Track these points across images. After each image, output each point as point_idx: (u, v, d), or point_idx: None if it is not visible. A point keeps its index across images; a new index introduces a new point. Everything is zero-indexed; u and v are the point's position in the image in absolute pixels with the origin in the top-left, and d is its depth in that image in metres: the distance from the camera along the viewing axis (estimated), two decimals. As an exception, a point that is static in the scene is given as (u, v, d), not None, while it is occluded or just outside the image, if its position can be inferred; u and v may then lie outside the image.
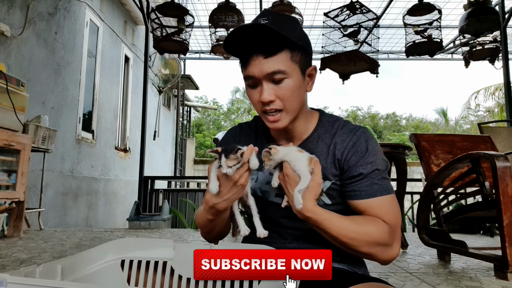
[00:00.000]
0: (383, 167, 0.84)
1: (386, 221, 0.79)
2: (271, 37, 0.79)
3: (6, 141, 2.73)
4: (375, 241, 0.76)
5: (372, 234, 0.76)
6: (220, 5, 4.90)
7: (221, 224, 0.88)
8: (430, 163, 2.40)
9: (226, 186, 0.78)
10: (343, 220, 0.77)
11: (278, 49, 0.80)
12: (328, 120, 0.92)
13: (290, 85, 0.82)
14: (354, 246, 0.76)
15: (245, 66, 0.83)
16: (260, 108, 0.84)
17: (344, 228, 0.76)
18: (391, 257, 0.79)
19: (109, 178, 6.13)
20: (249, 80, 0.83)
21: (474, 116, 17.17)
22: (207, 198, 0.82)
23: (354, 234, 0.75)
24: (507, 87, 4.97)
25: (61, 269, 0.66)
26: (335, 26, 4.69)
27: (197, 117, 20.05)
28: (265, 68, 0.80)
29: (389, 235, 0.78)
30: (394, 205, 0.82)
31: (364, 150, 0.83)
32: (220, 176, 0.78)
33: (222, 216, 0.85)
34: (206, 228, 0.89)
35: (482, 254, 1.90)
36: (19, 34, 3.76)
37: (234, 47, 0.84)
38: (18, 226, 2.99)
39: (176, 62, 8.58)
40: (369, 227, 0.77)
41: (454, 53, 8.07)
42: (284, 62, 0.81)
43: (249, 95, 0.87)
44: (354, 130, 0.87)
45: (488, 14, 4.55)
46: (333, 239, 0.77)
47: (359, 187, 0.82)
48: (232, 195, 0.79)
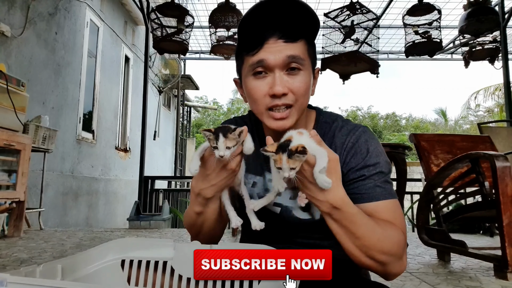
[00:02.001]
0: (386, 170, 0.76)
1: (398, 226, 0.70)
2: (298, 20, 0.71)
3: (6, 141, 2.73)
4: (396, 247, 0.67)
5: (394, 239, 0.67)
6: (220, 5, 4.90)
7: (211, 219, 0.77)
8: (429, 163, 2.40)
9: (214, 170, 0.69)
10: (367, 219, 0.66)
11: (299, 36, 0.73)
12: (325, 121, 0.83)
13: (304, 78, 0.74)
14: (375, 251, 0.66)
15: (256, 49, 0.73)
16: (267, 103, 0.74)
17: (370, 229, 0.65)
18: (401, 270, 0.70)
19: (109, 178, 6.13)
20: (258, 66, 0.73)
21: (474, 116, 17.17)
22: (193, 184, 0.73)
23: (379, 235, 0.65)
24: (506, 87, 4.97)
25: (61, 269, 0.66)
26: (335, 26, 4.69)
27: (197, 117, 20.06)
28: (284, 53, 0.71)
29: (404, 242, 0.69)
30: (400, 211, 0.75)
31: (365, 151, 0.76)
32: (208, 158, 0.68)
33: (211, 207, 0.75)
34: (194, 227, 0.79)
35: (482, 254, 1.90)
36: (19, 34, 3.76)
37: (251, 23, 0.73)
38: (18, 226, 2.99)
39: (176, 62, 8.58)
40: (390, 230, 0.67)
41: (453, 53, 8.07)
42: (303, 52, 0.74)
43: (251, 87, 0.75)
44: (353, 130, 0.79)
45: (487, 14, 4.55)
46: (354, 241, 0.66)
47: (361, 190, 0.73)
48: (221, 180, 0.70)
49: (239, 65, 0.80)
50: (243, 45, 0.77)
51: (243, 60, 0.77)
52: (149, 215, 4.08)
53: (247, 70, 0.76)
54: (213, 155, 0.66)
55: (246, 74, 0.76)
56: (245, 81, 0.77)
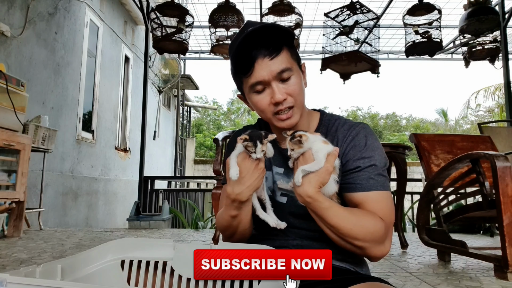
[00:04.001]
0: (381, 164, 0.84)
1: (381, 216, 0.79)
2: (274, 36, 0.82)
3: (6, 141, 2.73)
4: (371, 235, 0.76)
5: (369, 228, 0.76)
6: (220, 5, 4.90)
7: (245, 220, 0.85)
8: (430, 163, 2.40)
9: (248, 171, 0.78)
10: (342, 211, 0.77)
11: (280, 48, 0.83)
12: (329, 119, 0.94)
13: (296, 81, 0.85)
14: (350, 238, 0.76)
15: (250, 73, 0.84)
16: (272, 110, 0.85)
17: (342, 219, 0.75)
18: (382, 253, 0.80)
19: (109, 178, 6.14)
20: (257, 86, 0.84)
21: (474, 116, 17.17)
22: (229, 191, 0.81)
23: (352, 225, 0.75)
24: (507, 87, 4.97)
25: (61, 269, 0.66)
26: (335, 26, 4.69)
27: (197, 117, 20.07)
28: (273, 68, 0.82)
29: (384, 231, 0.78)
30: (389, 202, 0.83)
31: (363, 144, 0.85)
32: (241, 163, 0.79)
33: (245, 209, 0.83)
34: (230, 228, 0.87)
35: (482, 254, 1.90)
36: (19, 34, 3.76)
37: (240, 51, 0.84)
38: (18, 226, 2.99)
39: (176, 62, 8.58)
40: (366, 220, 0.77)
41: (454, 53, 8.07)
42: (288, 60, 0.84)
43: (256, 101, 0.87)
44: (354, 126, 0.89)
45: (488, 14, 4.55)
46: (330, 228, 0.77)
47: (355, 180, 0.83)
48: (254, 180, 0.79)
49: (239, 85, 0.91)
50: (237, 69, 0.88)
51: (242, 81, 0.88)
52: (149, 215, 4.08)
53: (248, 89, 0.87)
54: (246, 159, 0.78)
55: (249, 92, 0.88)
56: (249, 97, 0.89)
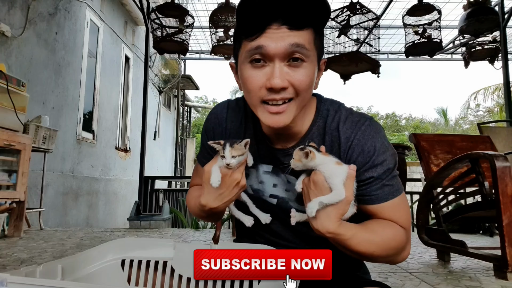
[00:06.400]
0: (393, 164, 0.72)
1: (401, 224, 0.72)
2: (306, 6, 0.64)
3: (6, 141, 2.73)
4: (394, 250, 0.71)
5: (391, 244, 0.70)
6: (220, 6, 4.90)
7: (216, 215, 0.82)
8: (429, 163, 2.40)
9: (228, 187, 0.71)
10: (364, 234, 0.67)
11: (306, 23, 0.65)
12: (327, 109, 0.77)
13: (307, 72, 0.67)
14: (372, 258, 0.70)
15: (255, 34, 0.65)
16: (262, 96, 0.67)
17: (365, 244, 0.67)
18: (403, 259, 0.74)
19: (109, 178, 6.14)
20: (256, 53, 0.66)
21: (474, 116, 17.17)
22: (203, 202, 0.74)
23: (375, 247, 0.68)
24: (506, 87, 4.97)
25: (61, 269, 0.66)
26: (335, 26, 4.69)
27: (197, 117, 20.06)
28: (286, 41, 0.64)
29: (405, 239, 0.72)
30: (406, 206, 0.75)
31: (372, 149, 0.71)
32: (223, 176, 0.70)
33: (218, 215, 0.80)
34: (199, 216, 0.85)
35: (481, 254, 1.90)
36: (19, 34, 3.76)
37: (253, 5, 0.65)
38: (18, 226, 3.00)
39: (176, 62, 8.58)
40: (388, 236, 0.70)
41: (453, 53, 8.07)
42: (309, 43, 0.66)
43: (247, 77, 0.68)
44: (359, 123, 0.73)
45: (487, 14, 4.55)
46: (352, 253, 0.69)
47: (369, 192, 0.71)
48: (233, 196, 0.73)
49: (236, 48, 0.73)
50: (242, 28, 0.69)
51: (241, 44, 0.70)
52: (149, 215, 4.08)
53: (244, 56, 0.68)
54: (226, 174, 0.71)
55: (243, 61, 0.69)
56: (241, 68, 0.70)
